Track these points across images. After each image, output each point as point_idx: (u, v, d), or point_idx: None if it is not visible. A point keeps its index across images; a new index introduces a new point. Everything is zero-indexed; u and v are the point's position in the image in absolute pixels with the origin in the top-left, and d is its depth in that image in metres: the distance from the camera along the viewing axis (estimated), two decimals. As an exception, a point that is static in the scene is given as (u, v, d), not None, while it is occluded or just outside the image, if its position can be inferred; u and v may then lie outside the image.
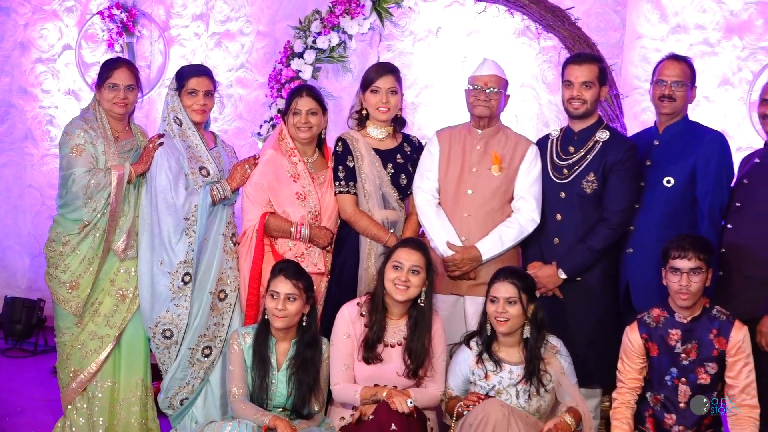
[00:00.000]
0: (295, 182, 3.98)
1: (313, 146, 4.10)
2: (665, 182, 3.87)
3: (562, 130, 4.07)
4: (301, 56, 5.21)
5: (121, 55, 6.14)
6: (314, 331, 3.70)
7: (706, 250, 3.50)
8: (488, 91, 3.94)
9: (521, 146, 4.01)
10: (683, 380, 3.51)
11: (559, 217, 3.93)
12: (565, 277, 3.86)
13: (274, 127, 5.11)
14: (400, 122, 4.16)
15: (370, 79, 4.04)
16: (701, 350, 3.49)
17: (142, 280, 3.89)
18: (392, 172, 4.07)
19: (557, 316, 3.84)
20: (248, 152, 5.03)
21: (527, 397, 3.54)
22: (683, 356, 3.51)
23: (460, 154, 4.01)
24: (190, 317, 3.85)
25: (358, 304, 3.74)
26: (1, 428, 4.31)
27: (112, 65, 3.97)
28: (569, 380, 3.58)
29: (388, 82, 4.03)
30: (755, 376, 3.48)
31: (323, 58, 5.25)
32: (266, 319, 3.64)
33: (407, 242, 3.74)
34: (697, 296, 3.48)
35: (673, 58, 3.98)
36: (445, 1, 5.74)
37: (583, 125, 3.96)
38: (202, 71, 4.03)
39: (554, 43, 5.22)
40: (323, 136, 4.13)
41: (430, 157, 4.05)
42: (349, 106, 4.28)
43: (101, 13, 6.24)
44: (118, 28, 6.21)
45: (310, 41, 5.19)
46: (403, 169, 4.09)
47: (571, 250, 3.87)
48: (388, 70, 4.09)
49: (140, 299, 3.91)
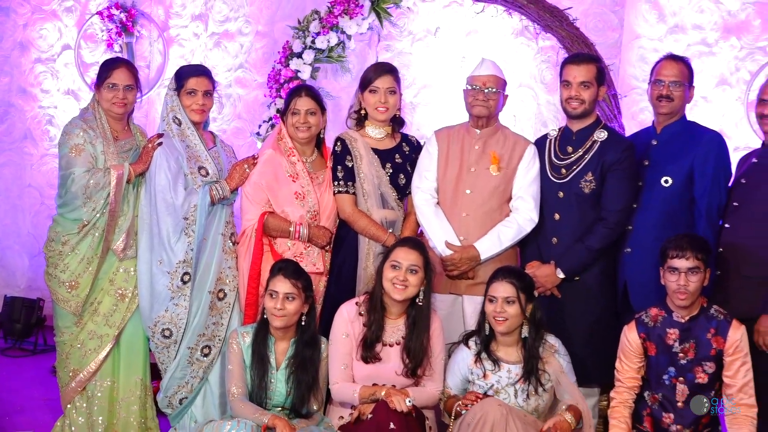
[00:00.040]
0: (293, 182, 3.98)
1: (311, 146, 4.10)
2: (663, 182, 3.87)
3: (560, 129, 4.07)
4: (299, 56, 5.21)
5: (120, 55, 6.14)
6: (313, 330, 3.70)
7: (704, 249, 3.50)
8: (487, 91, 3.94)
9: (519, 146, 4.01)
10: (681, 379, 3.51)
11: (557, 216, 3.93)
12: (563, 276, 3.86)
13: (273, 127, 5.11)
14: (398, 122, 4.16)
15: (368, 79, 4.04)
16: (699, 349, 3.49)
17: (141, 279, 3.89)
18: (391, 171, 4.07)
19: (555, 315, 3.85)
20: (247, 152, 5.02)
21: (525, 396, 3.54)
22: (681, 355, 3.51)
23: (458, 153, 4.02)
24: (189, 317, 3.85)
25: (356, 303, 3.74)
26: (0, 427, 4.31)
27: (111, 65, 3.97)
28: (568, 379, 3.58)
29: (386, 82, 4.03)
30: (753, 375, 3.48)
31: (322, 58, 5.25)
32: (265, 318, 3.64)
33: (405, 242, 3.74)
34: (695, 296, 3.48)
35: (670, 58, 3.98)
36: (443, 1, 5.73)
37: (581, 125, 3.96)
38: (201, 71, 4.03)
39: (552, 43, 5.22)
40: (322, 136, 4.13)
41: (428, 156, 4.05)
42: (347, 106, 4.28)
43: (100, 13, 6.24)
44: (117, 28, 6.21)
45: (308, 41, 5.19)
46: (401, 168, 4.09)
47: (569, 249, 3.87)
48: (386, 70, 4.09)
49: (139, 299, 3.91)
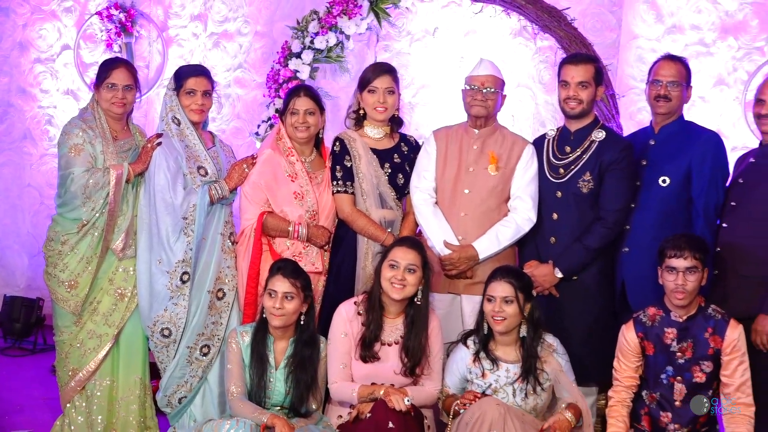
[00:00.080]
0: (292, 182, 3.99)
1: (310, 146, 4.11)
2: (661, 182, 3.87)
3: (558, 129, 4.08)
4: (298, 56, 5.21)
5: (119, 55, 6.14)
6: (312, 329, 3.69)
7: (701, 249, 3.50)
8: (485, 91, 3.95)
9: (518, 146, 4.01)
10: (679, 379, 3.52)
11: (555, 216, 3.94)
12: (561, 276, 3.86)
13: (271, 126, 5.11)
14: (397, 122, 4.17)
15: (367, 79, 4.05)
16: (697, 349, 3.50)
17: (140, 279, 3.89)
18: (389, 171, 4.07)
19: (554, 314, 3.85)
20: (246, 152, 5.03)
21: (524, 395, 3.54)
22: (679, 355, 3.51)
23: (457, 153, 4.02)
24: (188, 316, 3.85)
25: (355, 302, 3.74)
26: (0, 426, 4.32)
27: (110, 65, 3.97)
28: (567, 378, 3.59)
29: (385, 82, 4.03)
30: (750, 374, 3.48)
31: (321, 58, 5.25)
32: (264, 317, 3.64)
33: (403, 241, 3.75)
34: (692, 295, 3.49)
35: (668, 58, 3.99)
36: (442, 1, 5.74)
37: (579, 125, 3.97)
38: (200, 71, 4.03)
39: (550, 43, 5.22)
40: (321, 135, 4.13)
41: (427, 156, 4.06)
42: (346, 105, 4.29)
43: (100, 13, 6.24)
44: (116, 28, 6.21)
45: (307, 41, 5.19)
46: (400, 168, 4.10)
47: (567, 249, 3.87)
48: (385, 70, 4.09)
49: (139, 298, 3.91)
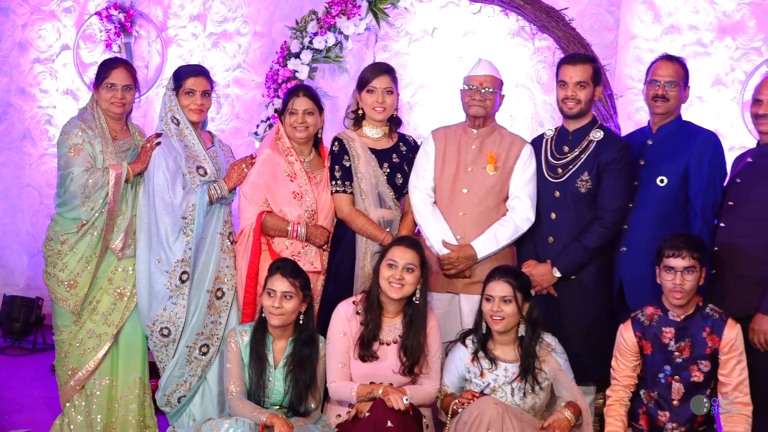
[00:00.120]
0: (291, 181, 3.99)
1: (309, 146, 4.11)
2: (658, 181, 3.88)
3: (556, 129, 4.09)
4: (297, 56, 5.21)
5: (118, 55, 6.15)
6: (311, 329, 3.70)
7: (699, 248, 3.51)
8: (483, 91, 3.95)
9: (516, 146, 4.02)
10: (677, 378, 3.53)
11: (553, 216, 3.95)
12: (559, 275, 3.87)
13: (270, 126, 5.12)
14: (395, 122, 4.17)
15: (366, 79, 4.05)
16: (694, 348, 3.50)
17: (139, 278, 3.90)
18: (388, 171, 4.08)
19: (552, 314, 3.86)
20: (245, 152, 5.03)
21: (522, 394, 3.55)
22: (677, 354, 3.52)
23: (455, 153, 4.03)
24: (187, 315, 3.86)
25: (353, 302, 3.75)
26: (0, 426, 4.33)
27: (109, 65, 3.98)
28: (566, 377, 3.60)
29: (384, 82, 4.04)
30: (748, 373, 3.49)
31: (320, 58, 5.25)
32: (263, 317, 3.64)
33: (401, 240, 3.75)
34: (690, 295, 3.49)
35: (666, 58, 3.99)
36: (440, 1, 5.75)
37: (577, 125, 3.97)
38: (199, 71, 4.03)
39: (549, 43, 5.23)
40: (320, 135, 4.14)
41: (425, 156, 4.07)
42: (345, 105, 4.29)
43: (99, 13, 6.25)
44: (115, 28, 6.22)
45: (306, 41, 5.20)
46: (398, 168, 4.11)
47: (565, 248, 3.88)
48: (384, 70, 4.09)
49: (138, 297, 3.91)
